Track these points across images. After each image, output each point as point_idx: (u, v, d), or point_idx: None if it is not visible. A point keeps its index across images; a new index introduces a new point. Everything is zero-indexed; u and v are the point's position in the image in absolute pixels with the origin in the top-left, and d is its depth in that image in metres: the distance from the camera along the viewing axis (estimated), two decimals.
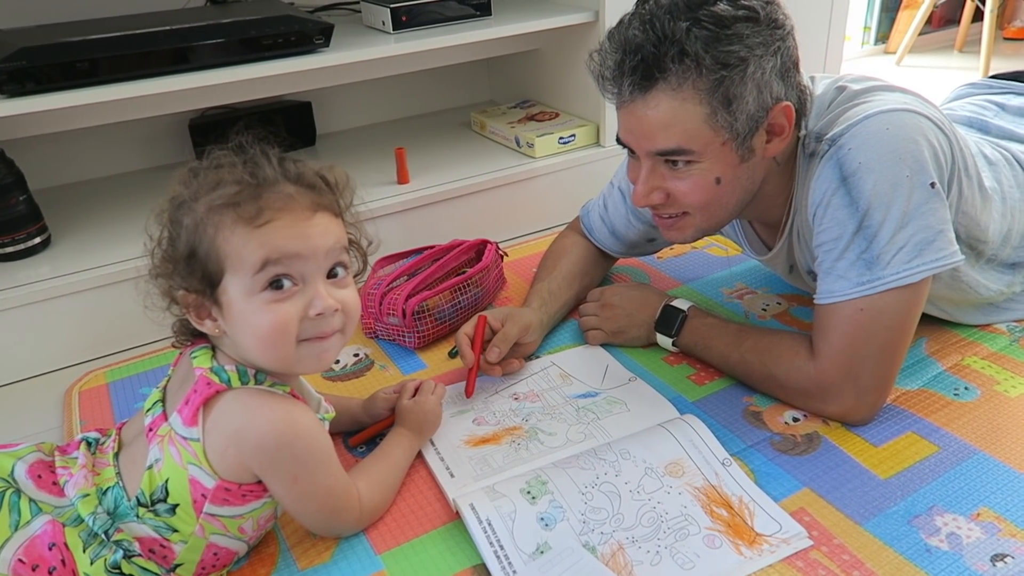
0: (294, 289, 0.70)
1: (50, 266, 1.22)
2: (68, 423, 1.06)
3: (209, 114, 1.61)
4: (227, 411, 0.72)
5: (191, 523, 0.73)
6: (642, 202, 0.93)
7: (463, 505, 0.84)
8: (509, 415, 1.01)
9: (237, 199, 0.68)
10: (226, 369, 0.73)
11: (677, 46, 0.82)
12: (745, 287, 1.29)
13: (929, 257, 0.86)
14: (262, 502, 0.76)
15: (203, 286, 0.70)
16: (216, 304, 0.71)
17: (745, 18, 0.82)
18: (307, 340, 0.72)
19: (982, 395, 0.99)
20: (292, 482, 0.74)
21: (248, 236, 0.68)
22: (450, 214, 1.48)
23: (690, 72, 0.83)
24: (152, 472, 0.72)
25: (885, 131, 0.86)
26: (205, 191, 0.70)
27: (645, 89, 0.85)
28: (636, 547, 0.79)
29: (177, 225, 0.71)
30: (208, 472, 0.72)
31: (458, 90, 1.95)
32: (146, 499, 0.72)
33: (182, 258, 0.70)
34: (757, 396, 1.01)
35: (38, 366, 1.20)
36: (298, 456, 0.74)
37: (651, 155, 0.89)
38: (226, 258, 0.69)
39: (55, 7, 1.40)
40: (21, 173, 1.24)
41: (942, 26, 3.09)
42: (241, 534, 0.77)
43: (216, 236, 0.69)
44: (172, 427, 0.72)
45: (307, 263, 0.70)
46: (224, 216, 0.68)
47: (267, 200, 0.69)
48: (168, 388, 0.79)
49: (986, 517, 0.82)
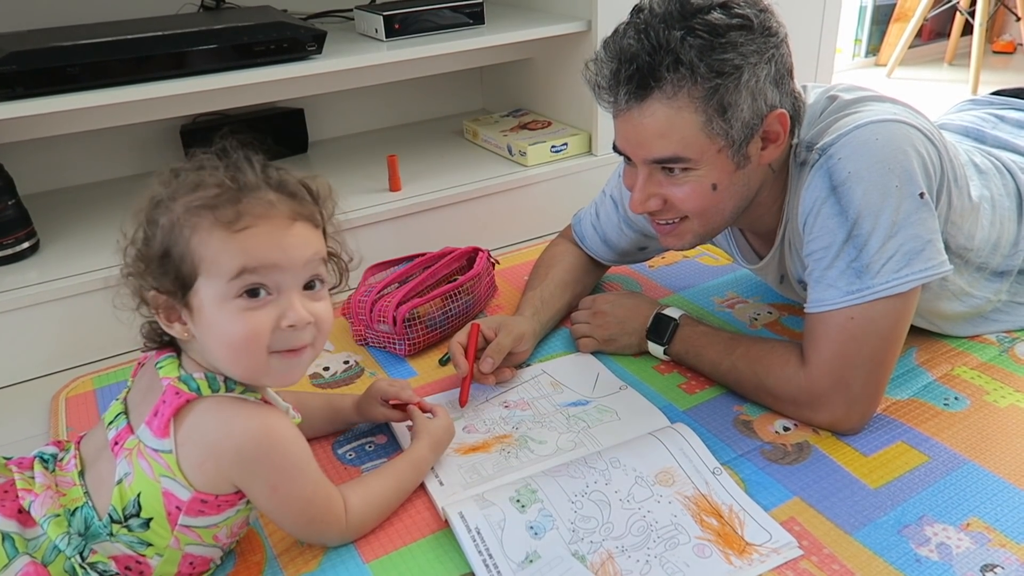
0: (268, 298, 0.69)
1: (38, 271, 1.22)
2: (55, 429, 1.05)
3: (201, 120, 1.61)
4: (201, 423, 0.70)
5: (166, 536, 0.71)
6: (639, 208, 0.93)
7: (452, 513, 0.83)
8: (499, 423, 1.00)
9: (216, 202, 0.67)
10: (195, 377, 0.71)
11: (672, 55, 0.82)
12: (736, 296, 1.29)
13: (918, 267, 0.87)
14: (236, 509, 0.75)
15: (175, 288, 0.68)
16: (187, 307, 0.69)
17: (739, 26, 0.83)
18: (278, 353, 0.70)
19: (972, 405, 1.00)
20: (271, 492, 0.73)
21: (225, 241, 0.67)
22: (442, 222, 1.48)
23: (685, 81, 0.83)
24: (122, 487, 0.70)
25: (875, 141, 0.87)
26: (184, 192, 0.68)
27: (641, 98, 0.85)
28: (626, 556, 0.79)
29: (153, 224, 0.69)
30: (183, 484, 0.70)
31: (451, 98, 1.95)
32: (119, 515, 0.70)
33: (155, 257, 0.68)
34: (748, 405, 1.01)
35: (25, 372, 1.19)
36: (276, 465, 0.73)
37: (647, 163, 0.89)
38: (201, 261, 0.67)
39: (47, 12, 1.40)
40: (10, 177, 1.23)
41: (932, 39, 3.12)
42: (215, 542, 0.75)
43: (192, 238, 0.67)
44: (140, 439, 0.70)
45: (284, 273, 0.69)
46: (201, 218, 0.67)
47: (247, 205, 0.67)
48: (130, 400, 0.76)
49: (976, 527, 0.82)
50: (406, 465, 0.88)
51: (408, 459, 0.88)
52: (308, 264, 0.71)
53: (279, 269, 0.69)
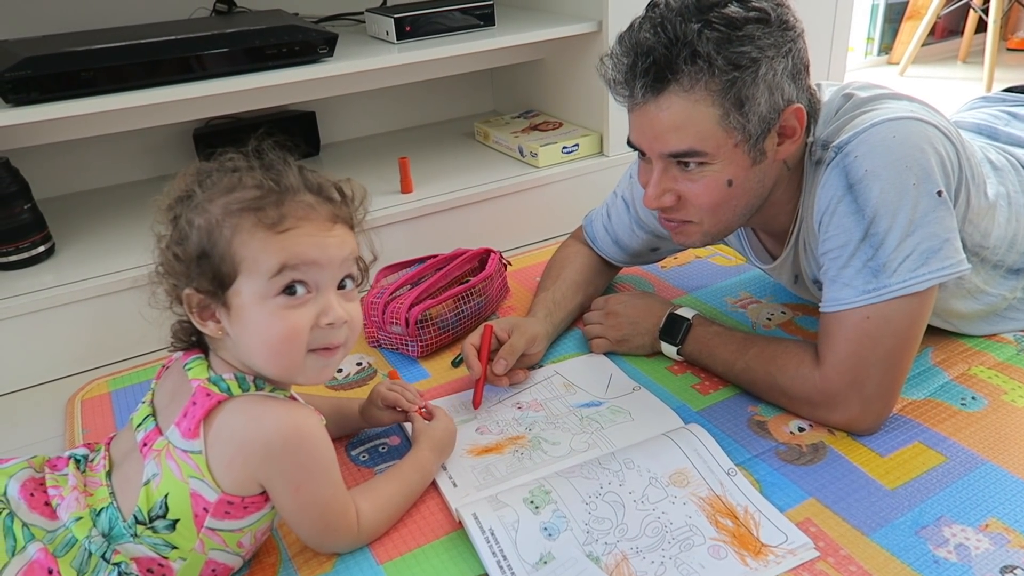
0: (307, 296, 0.70)
1: (54, 275, 1.23)
2: (70, 432, 1.06)
3: (213, 124, 1.62)
4: (230, 422, 0.71)
5: (191, 539, 0.71)
6: (653, 204, 0.92)
7: (466, 515, 0.83)
8: (512, 424, 1.00)
9: (259, 204, 0.68)
10: (224, 378, 0.72)
11: (689, 48, 0.82)
12: (750, 296, 1.28)
13: (935, 265, 0.86)
14: (262, 514, 0.75)
15: (213, 287, 0.69)
16: (224, 306, 0.70)
17: (756, 19, 0.82)
18: (314, 351, 0.72)
19: (989, 405, 0.99)
20: (295, 492, 0.74)
21: (267, 241, 0.68)
22: (453, 223, 1.48)
23: (702, 73, 0.82)
24: (149, 488, 0.70)
25: (892, 139, 0.86)
26: (220, 193, 0.69)
27: (657, 91, 0.85)
28: (640, 557, 0.78)
29: (188, 224, 0.69)
30: (211, 485, 0.70)
31: (462, 100, 1.95)
32: (144, 516, 0.70)
33: (193, 257, 0.69)
34: (762, 405, 1.00)
35: (40, 375, 1.20)
36: (302, 463, 0.73)
37: (663, 157, 0.89)
38: (241, 261, 0.68)
39: (61, 17, 1.41)
40: (26, 182, 1.24)
41: (945, 37, 3.10)
42: (239, 548, 0.76)
43: (233, 239, 0.68)
44: (170, 441, 0.71)
45: (322, 271, 0.71)
46: (243, 219, 0.68)
47: (289, 208, 0.69)
48: (156, 402, 0.77)
49: (995, 528, 0.81)
50: (411, 469, 0.88)
51: (411, 463, 0.88)
52: (344, 263, 0.73)
53: (318, 267, 0.70)
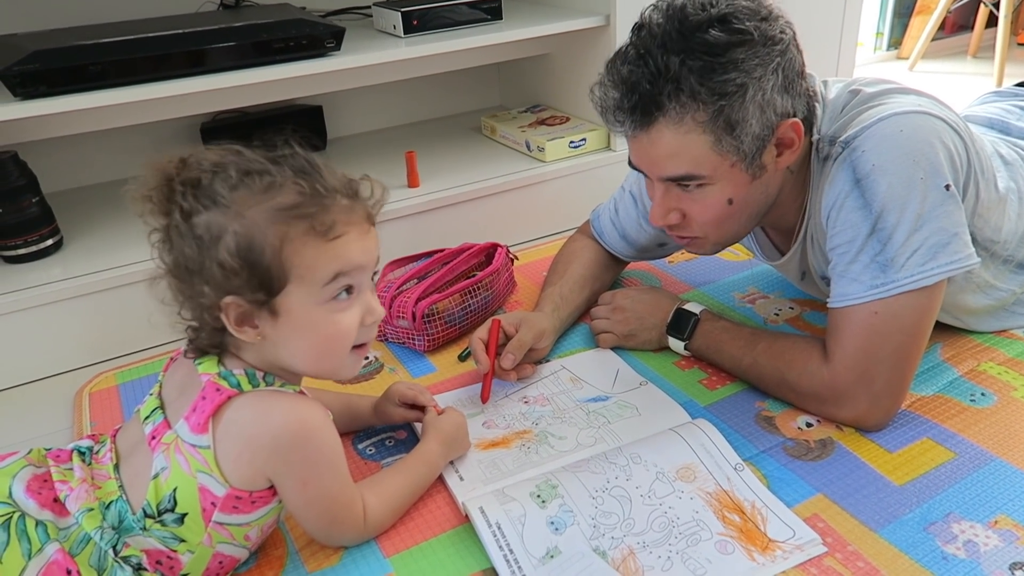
0: (352, 298, 0.73)
1: (62, 268, 1.23)
2: (78, 424, 1.06)
3: (220, 118, 1.62)
4: (239, 417, 0.71)
5: (199, 533, 0.72)
6: (660, 223, 0.94)
7: (472, 508, 0.83)
8: (519, 419, 1.00)
9: (306, 212, 0.68)
10: (234, 373, 0.72)
11: (672, 82, 0.81)
12: (757, 292, 1.28)
13: (944, 260, 0.85)
14: (269, 508, 0.75)
15: (260, 296, 0.68)
16: (270, 313, 0.69)
17: (739, 43, 0.81)
18: (355, 348, 0.75)
19: (999, 401, 0.98)
20: (302, 486, 0.74)
21: (320, 249, 0.69)
22: (460, 218, 1.48)
23: (688, 107, 0.82)
24: (158, 481, 0.71)
25: (899, 133, 0.86)
26: (257, 197, 0.68)
27: (646, 125, 0.85)
28: (647, 552, 0.78)
29: (220, 228, 0.67)
30: (219, 480, 0.71)
31: (469, 94, 1.95)
32: (153, 510, 0.70)
33: (237, 267, 0.67)
34: (770, 401, 1.00)
35: (49, 368, 1.20)
36: (310, 458, 0.73)
37: (663, 180, 0.89)
38: (293, 268, 0.68)
39: (68, 11, 1.41)
40: (34, 176, 1.25)
41: (955, 32, 3.08)
42: (246, 541, 0.76)
43: (283, 248, 0.67)
44: (178, 435, 0.71)
45: (364, 273, 0.73)
46: (292, 228, 0.68)
47: (335, 214, 0.70)
48: (164, 395, 0.77)
49: (1004, 525, 0.80)
50: (418, 462, 0.88)
51: (419, 456, 0.88)
52: (376, 262, 0.76)
53: (363, 270, 0.73)
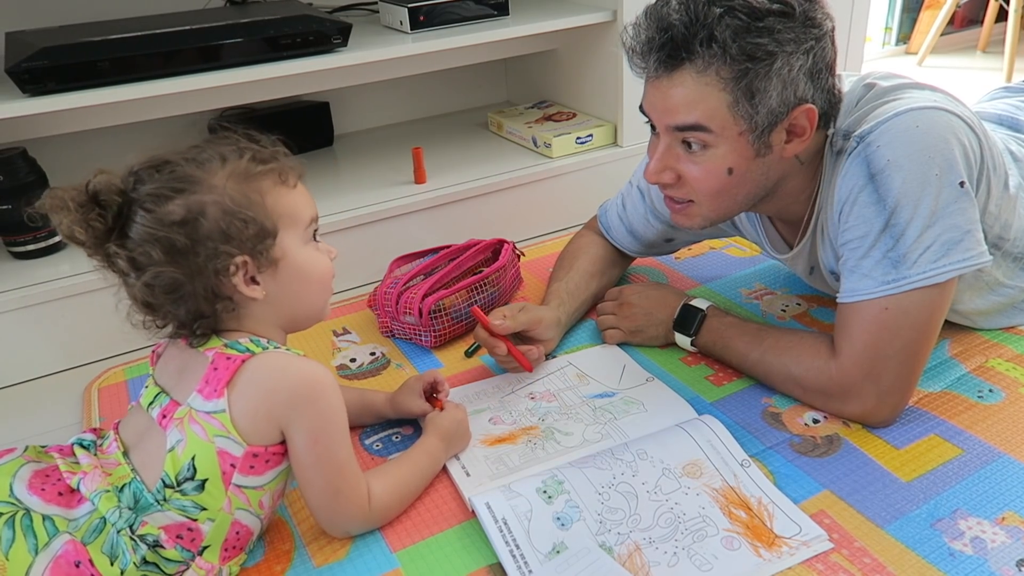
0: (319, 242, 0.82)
1: (70, 264, 1.23)
2: (87, 420, 1.07)
3: (228, 114, 1.62)
4: (256, 376, 0.73)
5: (220, 497, 0.73)
6: (653, 178, 0.92)
7: (479, 504, 0.83)
8: (525, 415, 1.00)
9: (270, 167, 0.76)
10: (240, 341, 0.75)
11: (707, 30, 0.82)
12: (764, 288, 1.28)
13: (956, 257, 0.85)
14: (280, 469, 0.77)
15: (261, 248, 0.74)
16: (271, 263, 0.75)
17: (779, 12, 0.82)
18: None
19: (1007, 397, 0.98)
20: (313, 442, 0.76)
21: (292, 195, 0.78)
22: (467, 214, 1.48)
23: (716, 58, 0.82)
24: (175, 453, 0.72)
25: (915, 129, 0.85)
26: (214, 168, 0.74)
27: (671, 68, 0.85)
28: (653, 548, 0.78)
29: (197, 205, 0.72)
30: (236, 440, 0.72)
31: (475, 90, 1.95)
32: (172, 480, 0.72)
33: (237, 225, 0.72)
34: (776, 397, 1.00)
35: (58, 363, 1.21)
36: (322, 412, 0.76)
37: (670, 130, 0.88)
38: (280, 217, 0.76)
39: (76, 8, 1.42)
40: (43, 172, 1.25)
41: (965, 26, 3.05)
42: (260, 509, 0.77)
43: (266, 199, 0.75)
44: (191, 407, 0.73)
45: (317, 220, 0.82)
46: (263, 182, 0.75)
47: (286, 167, 0.78)
48: (163, 383, 0.78)
49: (1011, 521, 0.80)
50: (420, 454, 0.89)
51: (421, 449, 0.90)
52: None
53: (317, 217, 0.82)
